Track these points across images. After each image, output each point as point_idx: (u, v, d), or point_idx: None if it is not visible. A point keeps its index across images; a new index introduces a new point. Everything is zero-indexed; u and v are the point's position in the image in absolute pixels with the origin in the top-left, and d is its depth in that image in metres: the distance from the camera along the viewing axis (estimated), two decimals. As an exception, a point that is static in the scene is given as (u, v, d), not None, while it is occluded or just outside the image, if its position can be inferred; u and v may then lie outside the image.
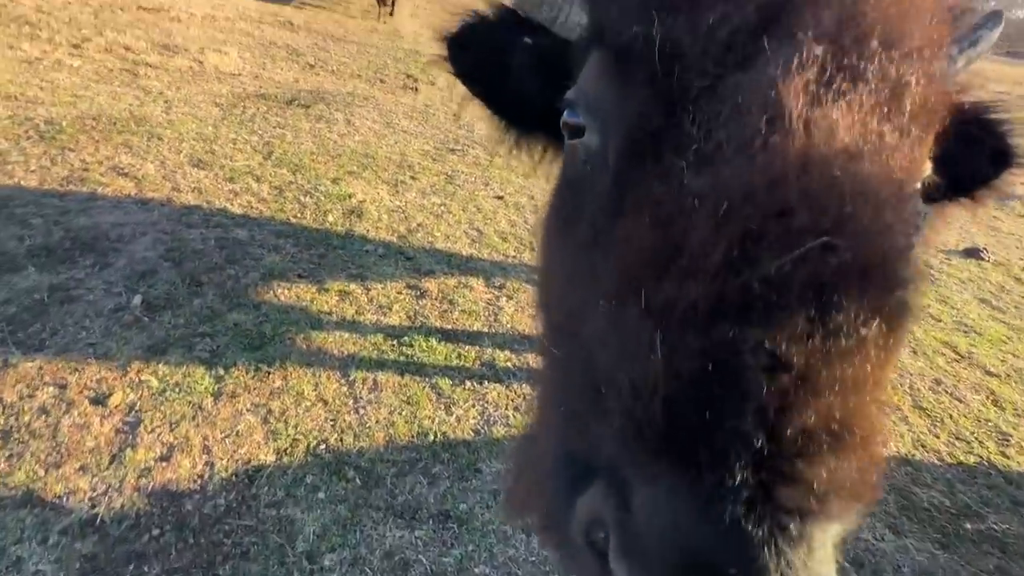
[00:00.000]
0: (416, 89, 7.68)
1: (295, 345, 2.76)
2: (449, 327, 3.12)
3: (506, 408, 2.64)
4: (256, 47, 8.03)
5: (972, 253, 5.64)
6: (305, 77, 7.23)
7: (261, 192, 4.12)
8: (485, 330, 3.17)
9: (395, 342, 2.93)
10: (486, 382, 2.78)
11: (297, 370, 2.60)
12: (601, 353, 0.53)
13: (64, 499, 1.87)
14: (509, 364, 2.95)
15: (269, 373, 2.54)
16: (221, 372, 2.49)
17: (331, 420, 2.38)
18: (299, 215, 3.93)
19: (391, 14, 11.27)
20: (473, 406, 2.62)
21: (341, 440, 2.29)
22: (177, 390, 2.35)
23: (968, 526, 2.53)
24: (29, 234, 3.07)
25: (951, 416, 3.27)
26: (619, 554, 0.47)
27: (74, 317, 2.61)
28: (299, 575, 1.79)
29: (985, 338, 4.22)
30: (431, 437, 2.39)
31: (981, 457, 3.00)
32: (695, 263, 0.45)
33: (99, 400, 2.24)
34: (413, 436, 2.38)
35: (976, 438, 3.14)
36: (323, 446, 2.25)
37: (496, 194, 4.96)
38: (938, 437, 3.08)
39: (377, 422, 2.41)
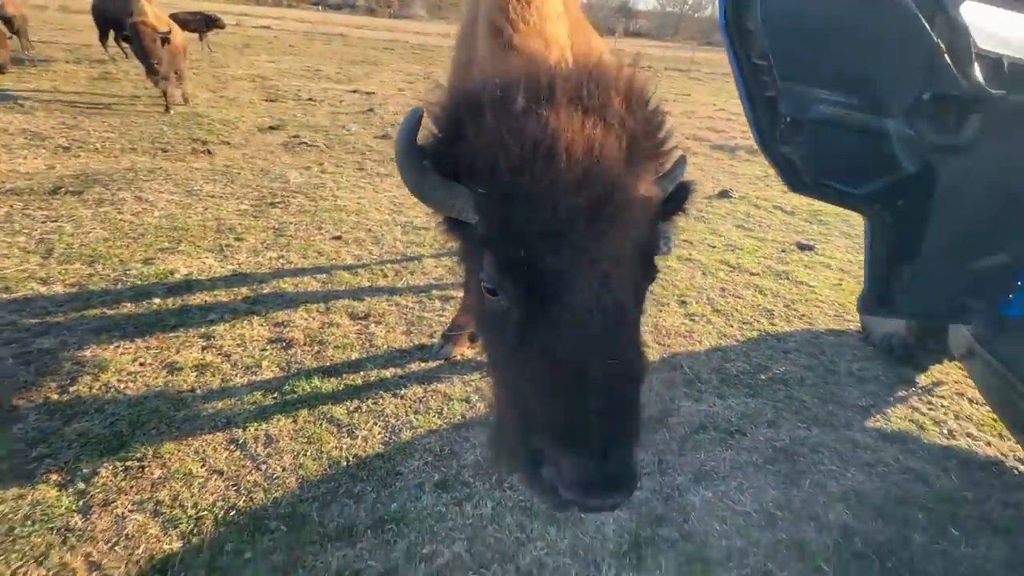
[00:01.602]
0: (209, 152, 7.16)
1: (162, 432, 2.54)
2: (327, 364, 3.15)
3: (407, 414, 2.81)
4: (-20, 138, 6.66)
5: (724, 194, 7.47)
6: (62, 162, 6.24)
7: (56, 294, 3.58)
8: (364, 356, 3.27)
9: (276, 394, 2.87)
10: (380, 400, 2.90)
11: (175, 454, 2.41)
12: (531, 397, 1.12)
13: None
14: (397, 376, 3.10)
15: (143, 467, 2.32)
16: (82, 486, 2.20)
17: (233, 486, 2.29)
18: (115, 306, 3.52)
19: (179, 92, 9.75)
20: (375, 423, 2.73)
21: (251, 499, 2.23)
22: (30, 523, 2.03)
23: (763, 376, 3.45)
24: None
25: (737, 310, 4.35)
26: (562, 486, 1.06)
27: None
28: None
29: (746, 251, 5.63)
30: (344, 463, 2.45)
31: (760, 331, 4.07)
32: (566, 378, 1.05)
33: (-80, 571, 1.83)
34: (326, 469, 2.41)
35: (755, 319, 4.24)
36: (233, 512, 2.17)
37: (333, 235, 4.99)
38: (732, 327, 4.09)
39: (284, 470, 2.39)
